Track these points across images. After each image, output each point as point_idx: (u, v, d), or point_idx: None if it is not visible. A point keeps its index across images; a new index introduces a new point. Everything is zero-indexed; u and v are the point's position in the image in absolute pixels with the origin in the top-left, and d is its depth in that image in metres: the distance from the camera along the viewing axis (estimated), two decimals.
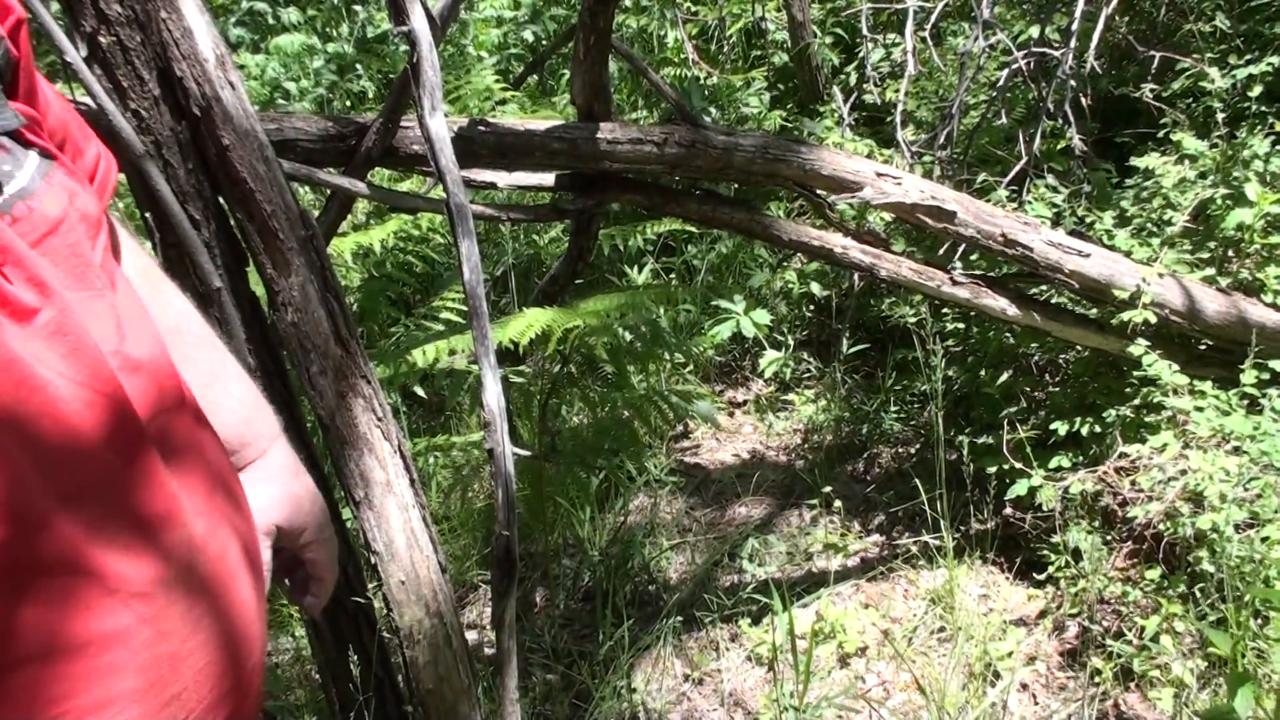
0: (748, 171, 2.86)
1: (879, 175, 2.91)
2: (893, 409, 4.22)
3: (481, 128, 2.61)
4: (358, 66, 7.60)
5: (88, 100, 1.85)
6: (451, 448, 3.64)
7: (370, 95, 7.23)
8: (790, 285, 4.80)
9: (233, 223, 2.08)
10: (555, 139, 2.68)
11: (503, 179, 2.77)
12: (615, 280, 4.89)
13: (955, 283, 3.12)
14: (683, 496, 4.03)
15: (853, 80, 5.81)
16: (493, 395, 2.10)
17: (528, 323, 3.11)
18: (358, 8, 8.06)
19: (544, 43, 7.43)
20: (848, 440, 4.29)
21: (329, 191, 2.64)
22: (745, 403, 4.74)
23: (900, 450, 4.16)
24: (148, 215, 1.97)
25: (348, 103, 7.34)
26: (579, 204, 2.92)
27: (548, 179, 2.89)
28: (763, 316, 4.05)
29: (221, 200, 2.07)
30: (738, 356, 4.95)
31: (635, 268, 5.01)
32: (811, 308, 4.91)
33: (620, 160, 2.74)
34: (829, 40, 6.17)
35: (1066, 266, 3.01)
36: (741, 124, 5.62)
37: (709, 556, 3.66)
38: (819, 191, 2.98)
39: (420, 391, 4.24)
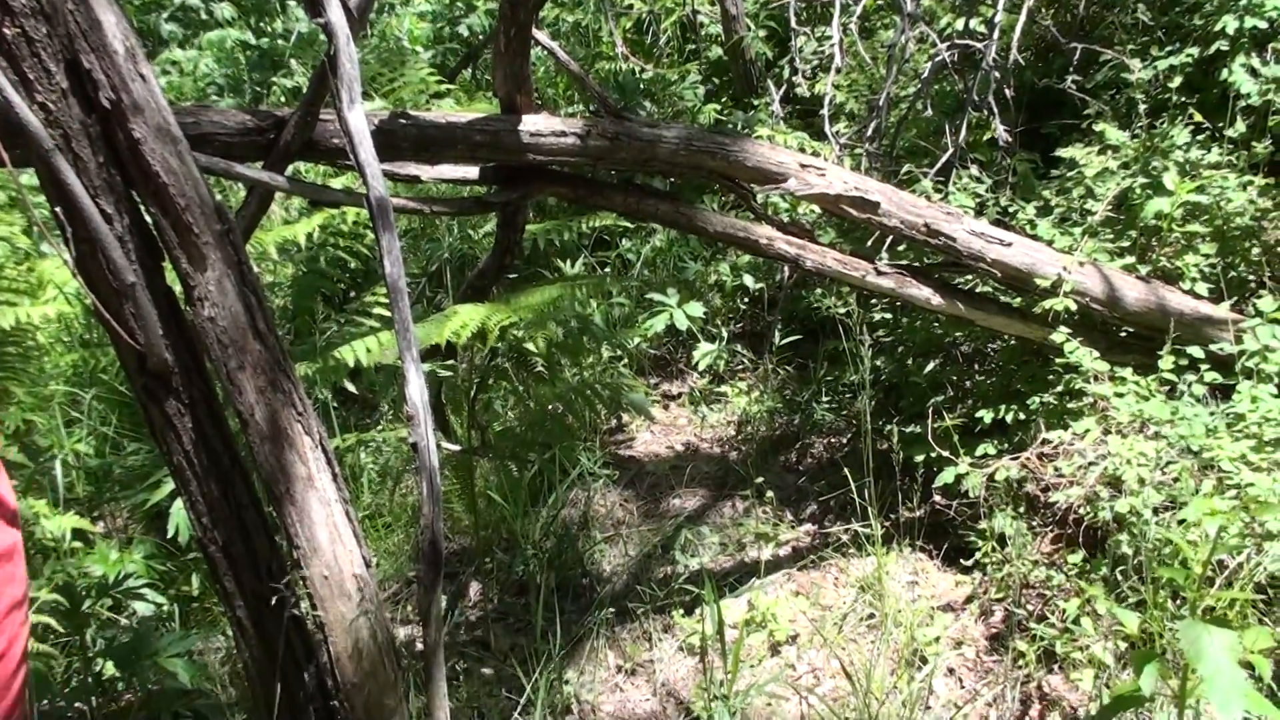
0: (672, 163, 2.87)
1: (803, 167, 2.93)
2: (824, 399, 4.26)
3: (403, 120, 2.60)
4: (292, 62, 7.53)
5: None
6: (381, 442, 3.61)
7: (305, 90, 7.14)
8: (724, 278, 4.82)
9: (147, 217, 2.06)
10: (477, 131, 2.67)
11: (426, 172, 2.76)
12: (548, 274, 4.88)
13: (880, 273, 3.15)
14: (617, 489, 4.04)
15: (786, 73, 5.85)
16: (415, 389, 2.10)
17: (462, 321, 3.11)
18: (291, 2, 7.98)
19: (480, 37, 7.41)
20: (781, 431, 4.32)
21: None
22: (680, 395, 4.76)
23: (832, 440, 4.19)
24: (58, 210, 1.94)
25: (281, 98, 7.27)
26: (503, 197, 2.92)
27: (472, 172, 2.88)
28: (696, 309, 4.06)
29: (135, 194, 2.04)
30: (672, 349, 4.96)
31: (569, 261, 5.00)
32: (745, 300, 4.94)
33: (543, 152, 2.74)
34: (762, 33, 6.20)
35: (989, 255, 3.05)
36: (677, 117, 5.64)
37: (642, 548, 3.67)
38: (744, 183, 3.00)
39: (352, 387, 4.21)
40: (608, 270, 5.14)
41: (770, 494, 3.78)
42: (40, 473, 3.61)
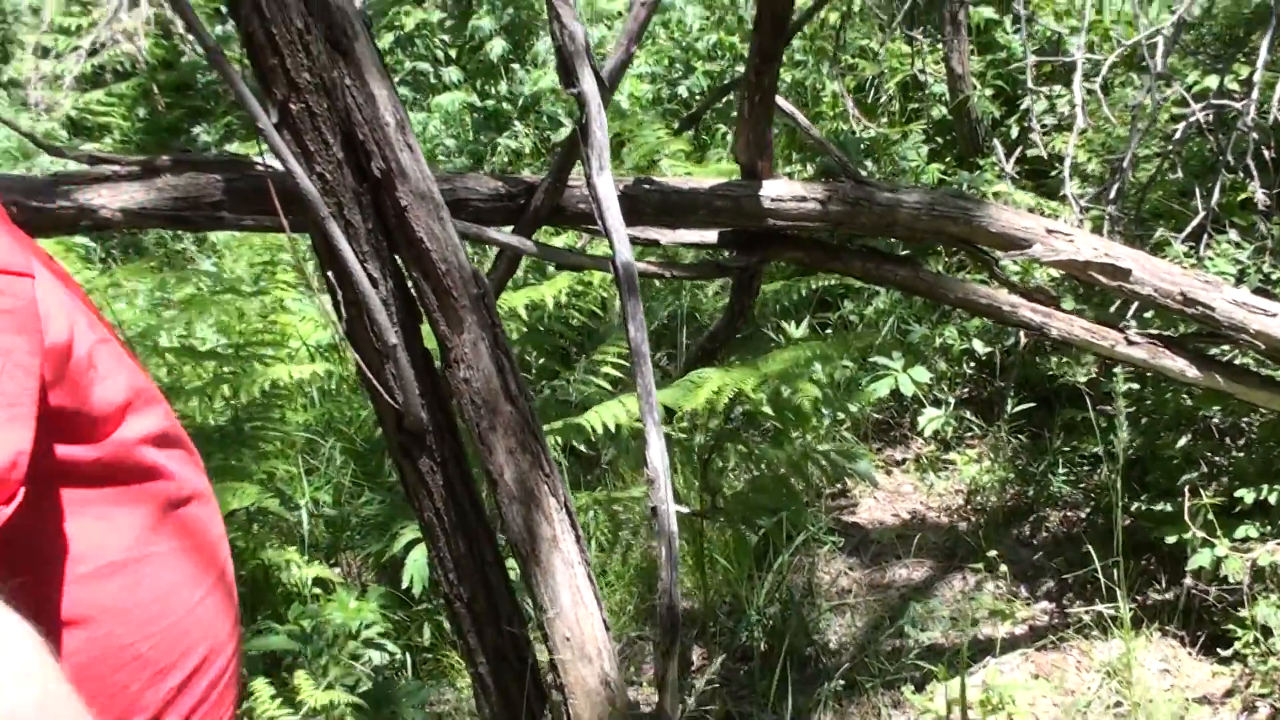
0: (912, 229, 2.81)
1: (1049, 232, 2.83)
2: (1060, 470, 4.08)
3: (646, 186, 2.63)
4: (515, 123, 7.77)
5: (277, 164, 1.92)
6: (612, 503, 3.64)
7: (527, 151, 7.37)
8: (950, 342, 4.70)
9: (408, 281, 2.13)
10: (719, 197, 2.68)
11: (666, 236, 2.78)
12: (770, 334, 4.85)
13: (1131, 342, 3.00)
14: (841, 556, 3.95)
15: (1014, 133, 5.69)
16: (657, 452, 2.10)
17: (716, 386, 3.12)
18: (515, 66, 8.24)
19: (698, 98, 7.49)
20: (1013, 502, 4.16)
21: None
22: (904, 461, 4.64)
23: (1070, 514, 4.01)
24: (329, 274, 2.04)
25: (505, 159, 7.50)
26: (742, 261, 2.92)
27: (710, 236, 2.89)
28: (921, 374, 3.98)
29: (398, 259, 2.13)
30: (896, 414, 4.85)
31: (793, 323, 4.96)
32: (973, 365, 4.79)
33: (784, 218, 2.72)
34: (989, 92, 6.06)
35: (1252, 327, 2.86)
36: (899, 177, 5.55)
37: (869, 619, 3.57)
38: (985, 248, 2.91)
39: (581, 445, 4.26)
40: (829, 332, 5.07)
41: (1003, 568, 3.64)
42: (282, 519, 3.77)
